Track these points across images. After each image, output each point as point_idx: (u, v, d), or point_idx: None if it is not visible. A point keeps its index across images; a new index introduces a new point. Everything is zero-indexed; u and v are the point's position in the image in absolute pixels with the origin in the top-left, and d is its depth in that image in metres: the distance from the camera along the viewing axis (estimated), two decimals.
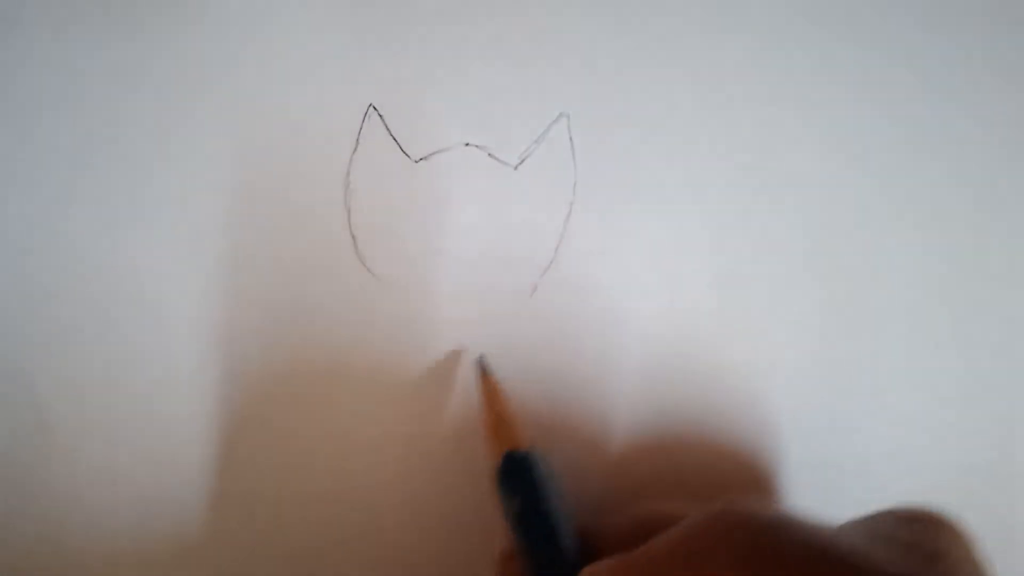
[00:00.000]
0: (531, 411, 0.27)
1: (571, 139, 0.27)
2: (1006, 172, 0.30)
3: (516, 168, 0.27)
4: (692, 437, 0.29)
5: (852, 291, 0.30)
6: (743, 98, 0.28)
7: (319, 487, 0.27)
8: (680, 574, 0.19)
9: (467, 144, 0.27)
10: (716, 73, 0.28)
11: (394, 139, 0.26)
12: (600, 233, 0.28)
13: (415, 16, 0.26)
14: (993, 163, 0.30)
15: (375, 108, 0.26)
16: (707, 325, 0.29)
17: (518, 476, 0.24)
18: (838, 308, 0.30)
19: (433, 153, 0.26)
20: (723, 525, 0.19)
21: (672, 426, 0.29)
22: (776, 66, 0.28)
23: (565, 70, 0.27)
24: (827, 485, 0.30)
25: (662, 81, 0.28)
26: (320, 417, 0.27)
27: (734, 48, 0.28)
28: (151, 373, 0.25)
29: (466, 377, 0.27)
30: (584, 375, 0.28)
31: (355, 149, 0.26)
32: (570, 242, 0.28)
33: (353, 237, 0.26)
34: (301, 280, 0.26)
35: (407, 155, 0.26)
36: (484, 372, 0.26)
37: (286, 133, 0.25)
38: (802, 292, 0.29)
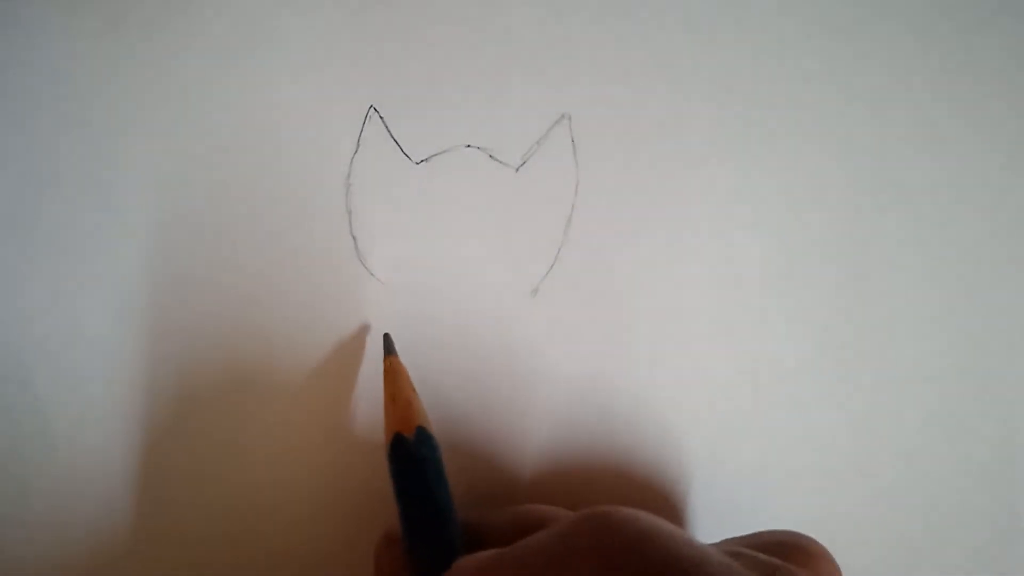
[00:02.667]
0: (511, 392, 0.27)
1: (572, 141, 0.27)
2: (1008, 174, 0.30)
3: (517, 170, 0.27)
4: (663, 450, 0.29)
5: (854, 299, 0.30)
6: (745, 98, 0.28)
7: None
8: (544, 573, 0.19)
9: (468, 146, 0.26)
10: (718, 73, 0.28)
11: (395, 141, 0.26)
12: (601, 235, 0.28)
13: (416, 17, 0.26)
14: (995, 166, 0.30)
15: (376, 109, 0.26)
16: (707, 326, 0.29)
17: (404, 456, 0.24)
18: (839, 313, 0.30)
19: (434, 155, 0.26)
20: (591, 529, 0.20)
21: (648, 433, 0.29)
22: (778, 67, 0.28)
23: (566, 71, 0.27)
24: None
25: (663, 82, 0.28)
26: (311, 418, 0.27)
27: (735, 49, 0.28)
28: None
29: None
30: (580, 375, 0.28)
31: (356, 151, 0.26)
32: (571, 244, 0.28)
33: (354, 239, 0.26)
34: (301, 281, 0.26)
35: (408, 157, 0.26)
36: (386, 352, 0.26)
37: (287, 134, 0.25)
38: (809, 292, 0.29)
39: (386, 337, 0.26)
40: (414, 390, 0.25)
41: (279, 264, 0.26)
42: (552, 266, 0.28)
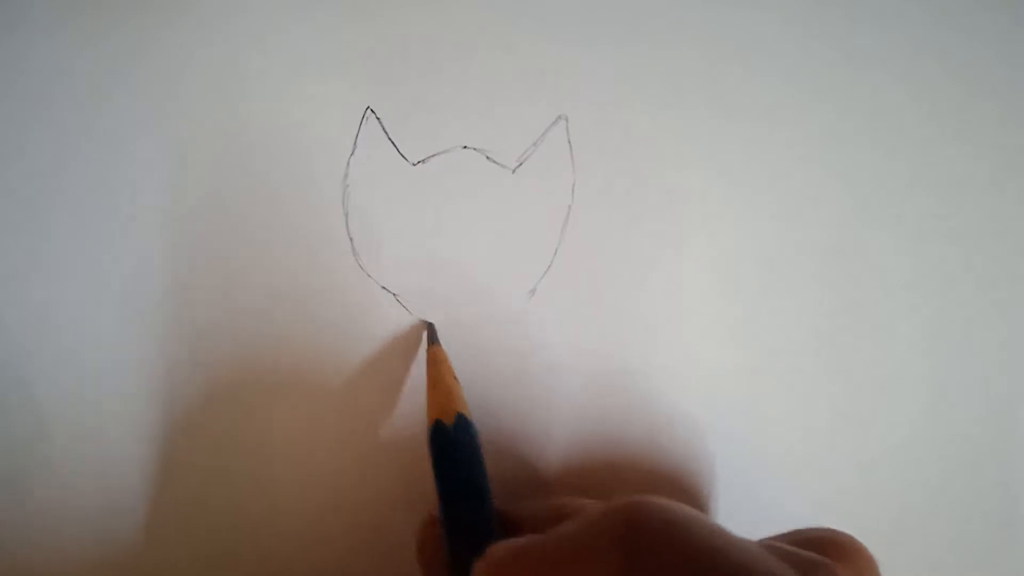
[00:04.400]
0: (510, 393, 0.28)
1: (569, 142, 0.27)
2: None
3: (514, 171, 0.27)
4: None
5: (849, 298, 0.30)
6: (742, 102, 0.28)
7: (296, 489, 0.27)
8: (572, 562, 0.20)
9: (465, 147, 0.26)
10: (713, 75, 0.28)
11: (392, 142, 0.26)
12: (598, 236, 0.28)
13: (413, 19, 0.26)
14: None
15: (372, 111, 0.26)
16: (703, 326, 0.29)
17: (443, 442, 0.24)
18: (834, 311, 0.30)
19: (431, 156, 0.26)
20: (622, 518, 0.20)
21: (645, 432, 0.29)
22: (774, 68, 0.28)
23: (563, 72, 0.27)
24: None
25: (659, 84, 0.28)
26: (312, 417, 0.27)
27: (731, 50, 0.28)
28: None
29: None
30: (579, 376, 0.28)
31: (353, 152, 0.26)
32: (568, 245, 0.28)
33: (351, 240, 0.26)
34: (299, 282, 0.26)
35: (405, 158, 0.26)
36: (429, 340, 0.27)
37: (284, 136, 0.25)
38: (807, 294, 0.29)
39: (430, 327, 0.27)
40: (455, 378, 0.26)
41: (275, 265, 0.26)
42: (549, 267, 0.28)
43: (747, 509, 0.29)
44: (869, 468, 0.31)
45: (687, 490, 0.29)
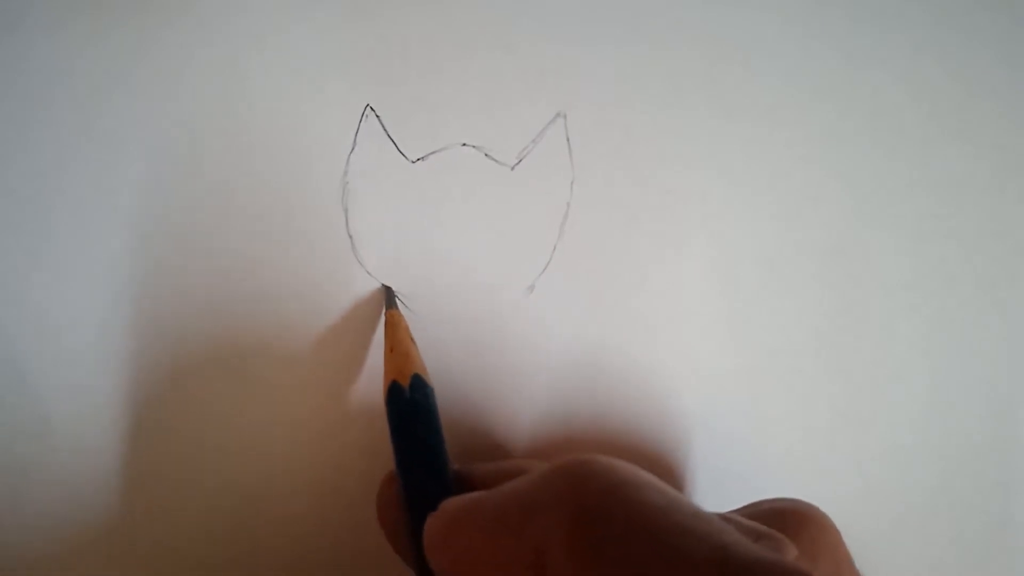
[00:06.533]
0: (509, 389, 0.28)
1: (568, 139, 0.27)
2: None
3: (513, 168, 0.27)
4: (661, 445, 0.29)
5: (849, 298, 0.30)
6: (742, 102, 0.28)
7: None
8: (520, 515, 0.20)
9: (464, 144, 0.26)
10: (713, 73, 0.28)
11: (391, 139, 0.26)
12: (597, 233, 0.28)
13: (413, 19, 0.26)
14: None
15: (372, 108, 0.26)
16: (702, 323, 0.29)
17: (399, 402, 0.25)
18: (834, 311, 0.30)
19: (430, 153, 0.26)
20: (568, 475, 0.20)
21: (643, 430, 0.29)
22: (773, 67, 0.28)
23: (563, 72, 0.27)
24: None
25: (658, 81, 0.28)
26: (313, 416, 0.27)
27: (731, 48, 0.28)
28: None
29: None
30: (578, 374, 0.28)
31: (352, 149, 0.26)
32: (567, 242, 0.28)
33: (350, 237, 0.26)
34: (298, 281, 0.26)
35: (404, 155, 0.26)
36: (387, 304, 0.27)
37: (283, 133, 0.25)
38: (806, 294, 0.30)
39: (388, 290, 0.27)
40: (413, 341, 0.26)
41: (274, 261, 0.26)
42: (548, 264, 0.28)
43: None
44: (869, 468, 0.31)
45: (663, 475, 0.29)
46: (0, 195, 0.24)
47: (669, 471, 0.30)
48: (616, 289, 0.28)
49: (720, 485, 0.30)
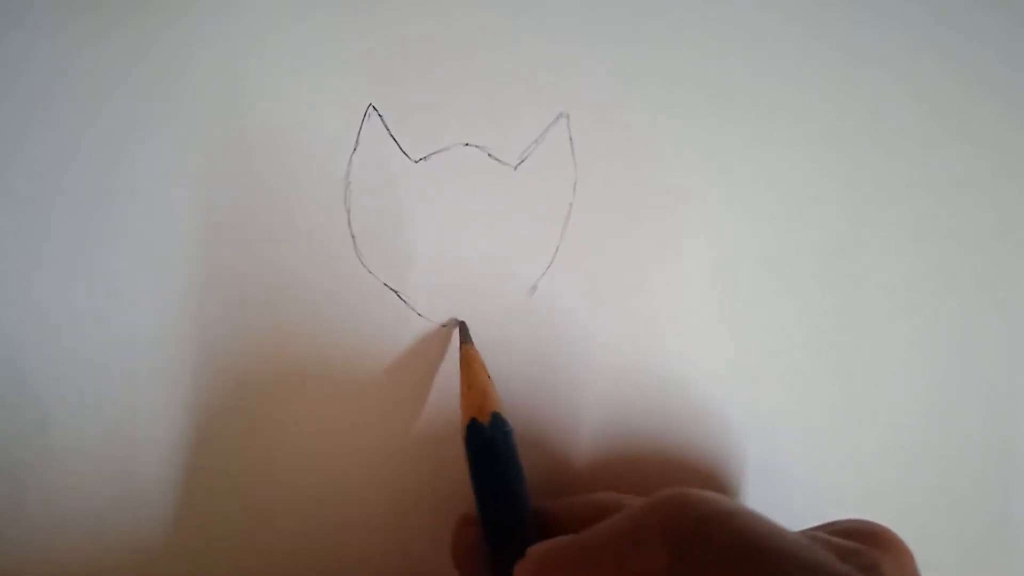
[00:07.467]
0: (511, 390, 0.28)
1: (571, 139, 0.27)
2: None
3: (516, 168, 0.27)
4: (664, 443, 0.29)
5: (849, 298, 0.30)
6: (742, 102, 0.28)
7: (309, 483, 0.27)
8: (618, 557, 0.20)
9: (467, 144, 0.26)
10: (714, 73, 0.28)
11: (394, 139, 0.26)
12: (599, 234, 0.28)
13: (413, 19, 0.26)
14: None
15: (375, 108, 0.26)
16: (704, 323, 0.29)
17: (479, 441, 0.24)
18: (834, 311, 0.30)
19: (433, 153, 0.26)
20: (665, 511, 0.20)
21: (644, 429, 0.29)
22: (773, 67, 0.28)
23: (564, 72, 0.27)
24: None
25: (660, 81, 0.28)
26: (313, 416, 0.27)
27: (731, 48, 0.28)
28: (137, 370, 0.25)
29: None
30: (579, 373, 0.28)
31: (355, 149, 0.26)
32: (569, 242, 0.28)
33: (353, 237, 0.26)
34: (300, 280, 0.26)
35: (407, 155, 0.26)
36: (461, 339, 0.27)
37: (286, 133, 0.25)
38: (806, 294, 0.30)
39: (462, 325, 0.27)
40: (489, 377, 0.26)
41: (277, 263, 0.26)
42: (551, 264, 0.28)
43: None
44: (869, 468, 0.31)
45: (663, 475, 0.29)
46: (0, 195, 0.24)
47: (668, 470, 0.30)
48: (618, 289, 0.28)
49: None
